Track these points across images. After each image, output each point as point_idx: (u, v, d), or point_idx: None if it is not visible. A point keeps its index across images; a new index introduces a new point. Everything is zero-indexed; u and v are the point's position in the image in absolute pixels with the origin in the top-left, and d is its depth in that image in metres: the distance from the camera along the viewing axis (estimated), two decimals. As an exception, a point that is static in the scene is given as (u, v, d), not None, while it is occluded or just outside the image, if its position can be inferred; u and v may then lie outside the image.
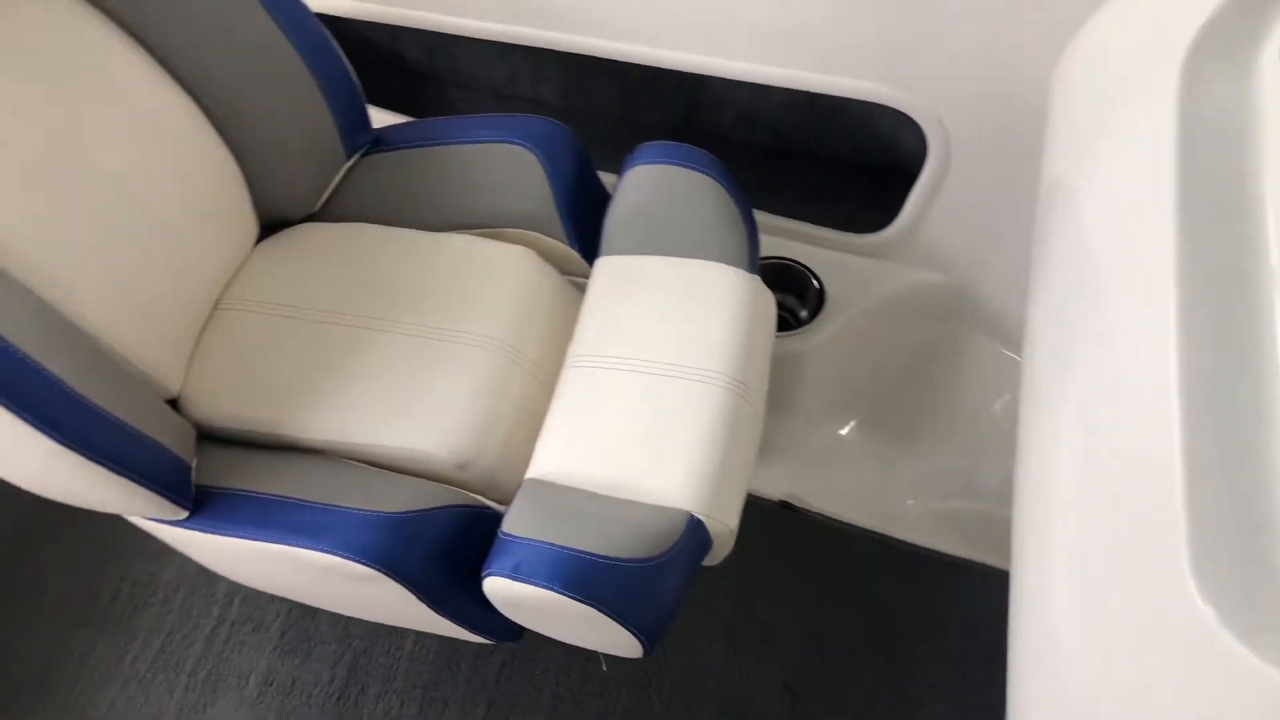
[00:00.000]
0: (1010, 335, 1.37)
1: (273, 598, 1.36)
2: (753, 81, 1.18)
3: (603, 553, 0.82)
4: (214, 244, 1.04)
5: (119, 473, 0.79)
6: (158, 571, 1.40)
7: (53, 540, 1.43)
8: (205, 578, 1.39)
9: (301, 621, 1.34)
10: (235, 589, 1.37)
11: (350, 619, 1.33)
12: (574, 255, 1.10)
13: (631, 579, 0.82)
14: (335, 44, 1.05)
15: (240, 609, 1.36)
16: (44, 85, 0.87)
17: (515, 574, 0.81)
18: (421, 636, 1.33)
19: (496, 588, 0.83)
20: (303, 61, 1.02)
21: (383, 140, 1.13)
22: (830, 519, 1.36)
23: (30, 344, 0.74)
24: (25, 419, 0.72)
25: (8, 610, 1.38)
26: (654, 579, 0.83)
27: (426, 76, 1.54)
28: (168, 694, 1.30)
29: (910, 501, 1.41)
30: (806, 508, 1.36)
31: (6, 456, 0.75)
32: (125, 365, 0.91)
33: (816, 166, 1.43)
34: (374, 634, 1.33)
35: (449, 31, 1.25)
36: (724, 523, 0.89)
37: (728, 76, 1.18)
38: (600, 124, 1.50)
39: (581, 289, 1.12)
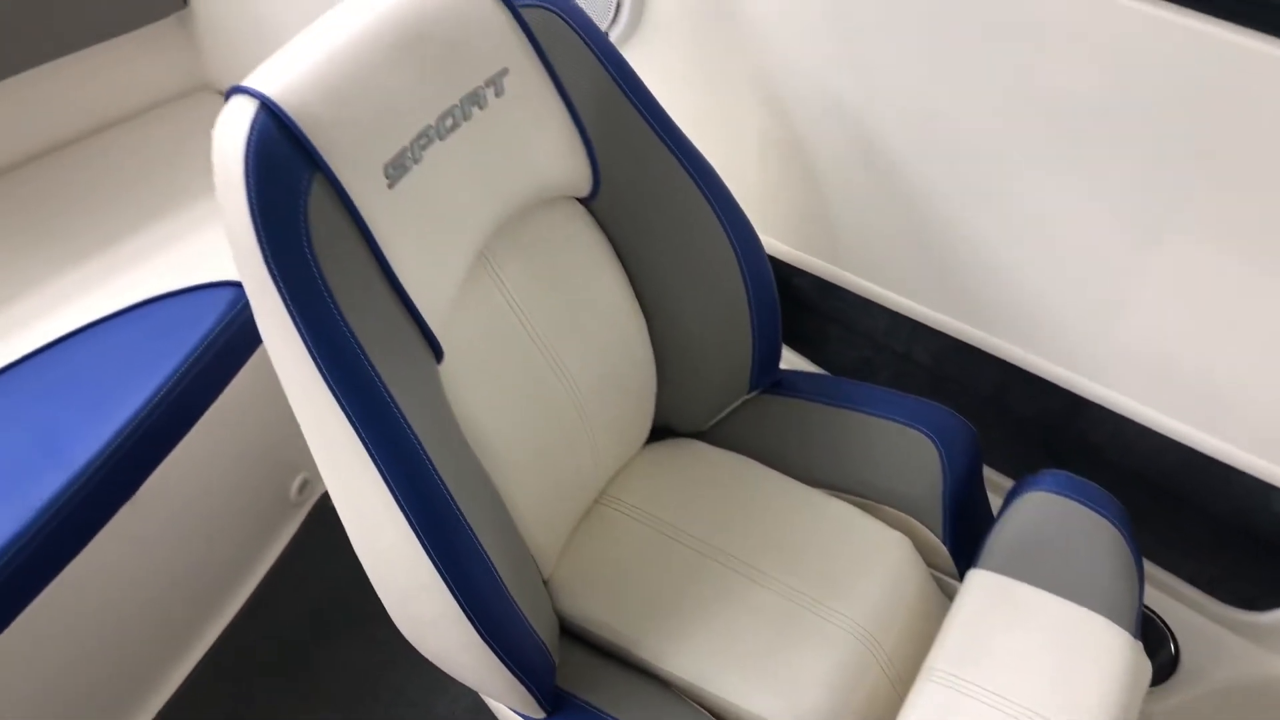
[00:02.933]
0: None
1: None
2: (1163, 435, 1.14)
3: None
4: (616, 437, 1.09)
5: (509, 666, 0.83)
6: (432, 702, 1.44)
7: (343, 635, 1.51)
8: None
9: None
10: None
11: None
12: (944, 552, 1.08)
13: None
14: (773, 279, 1.11)
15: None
16: (549, 279, 0.97)
17: None
18: None
19: None
20: (745, 288, 1.08)
21: (785, 383, 1.17)
22: None
23: (489, 539, 0.79)
24: (463, 608, 0.77)
25: (292, 692, 1.46)
26: None
27: (811, 309, 1.59)
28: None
29: None
30: None
31: (427, 630, 0.80)
32: (523, 546, 0.96)
33: (1188, 511, 1.35)
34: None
35: (875, 300, 1.29)
36: None
37: (1140, 423, 1.15)
38: (966, 397, 1.50)
39: (942, 587, 1.10)
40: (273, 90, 0.75)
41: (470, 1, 0.85)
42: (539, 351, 0.98)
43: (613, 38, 1.15)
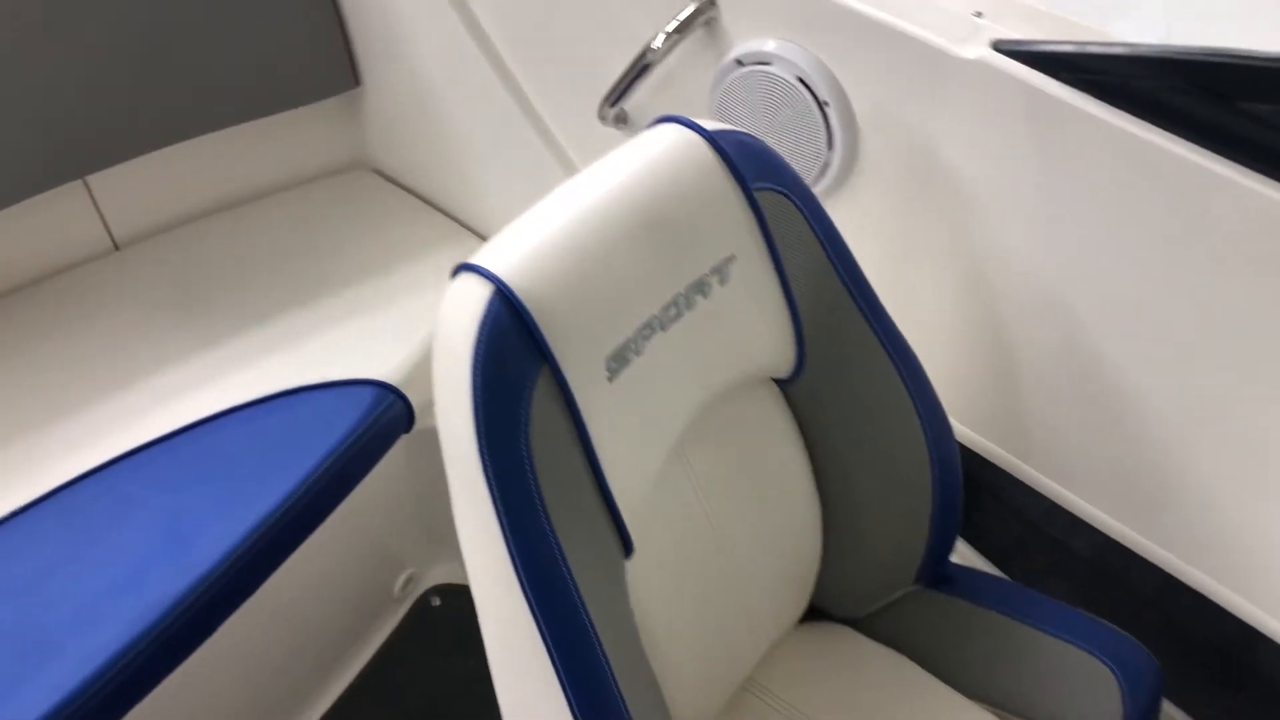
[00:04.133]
0: None
1: None
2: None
3: None
4: (773, 617, 1.03)
5: None
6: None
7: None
8: None
9: None
10: None
11: None
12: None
13: None
14: (960, 468, 1.04)
15: None
16: (735, 463, 0.91)
17: None
18: None
19: None
20: (930, 475, 1.01)
21: (953, 580, 1.10)
22: None
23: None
24: None
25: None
26: None
27: (980, 488, 1.52)
28: None
29: None
30: None
31: None
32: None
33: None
34: None
35: (1060, 501, 1.21)
36: None
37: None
38: (1126, 597, 1.41)
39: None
40: (508, 274, 0.71)
41: (706, 183, 0.81)
42: (712, 531, 0.92)
43: (817, 190, 1.10)
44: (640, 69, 1.14)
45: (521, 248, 0.73)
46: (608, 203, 0.77)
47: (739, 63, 1.08)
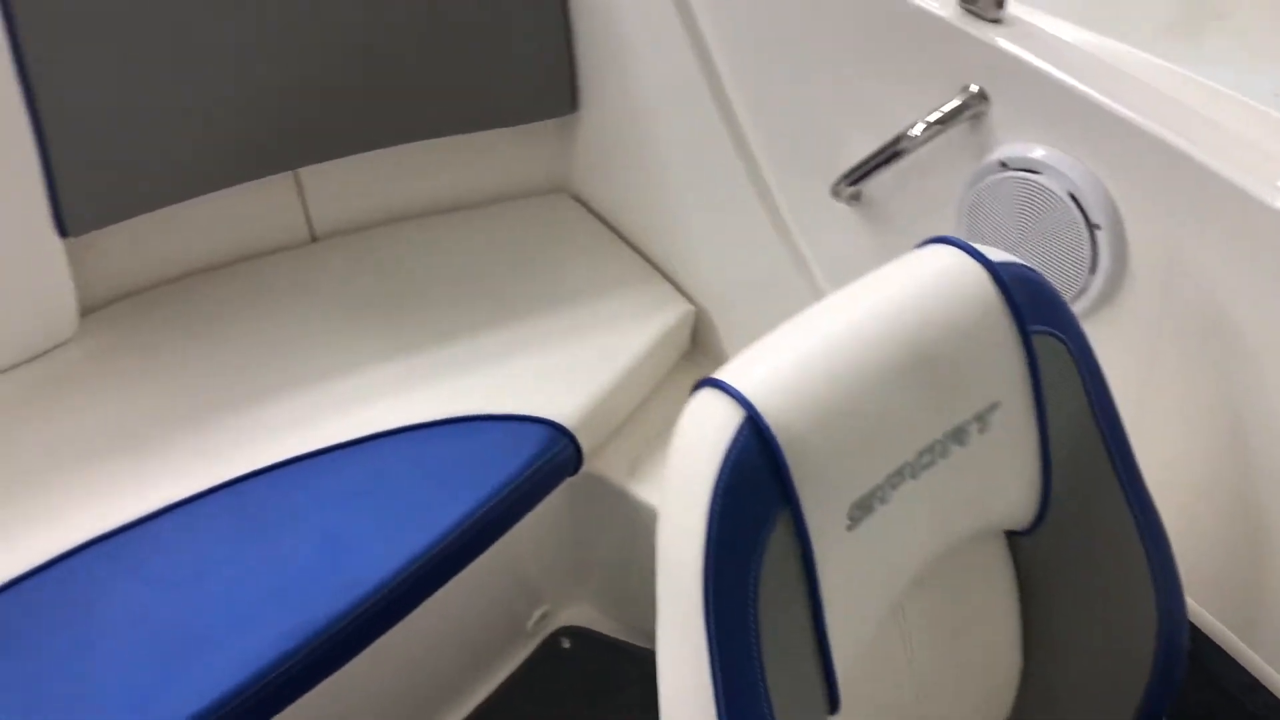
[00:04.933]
0: None
1: None
2: None
3: None
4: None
5: None
6: None
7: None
8: None
9: None
10: None
11: None
12: None
13: None
14: (1186, 650, 0.94)
15: None
16: (948, 617, 0.84)
17: None
18: None
19: None
20: (1154, 649, 0.91)
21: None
22: None
23: None
24: None
25: None
26: None
27: (1193, 664, 1.40)
28: None
29: None
30: None
31: None
32: None
33: None
34: None
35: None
36: None
37: None
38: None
39: None
40: (761, 400, 0.65)
41: (983, 319, 0.74)
42: (913, 688, 0.85)
43: (1076, 309, 1.01)
44: (891, 155, 1.07)
45: (776, 372, 0.67)
46: (873, 329, 0.70)
47: (1003, 165, 1.00)
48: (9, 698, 1.04)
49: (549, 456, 1.28)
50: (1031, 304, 0.76)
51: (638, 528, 1.41)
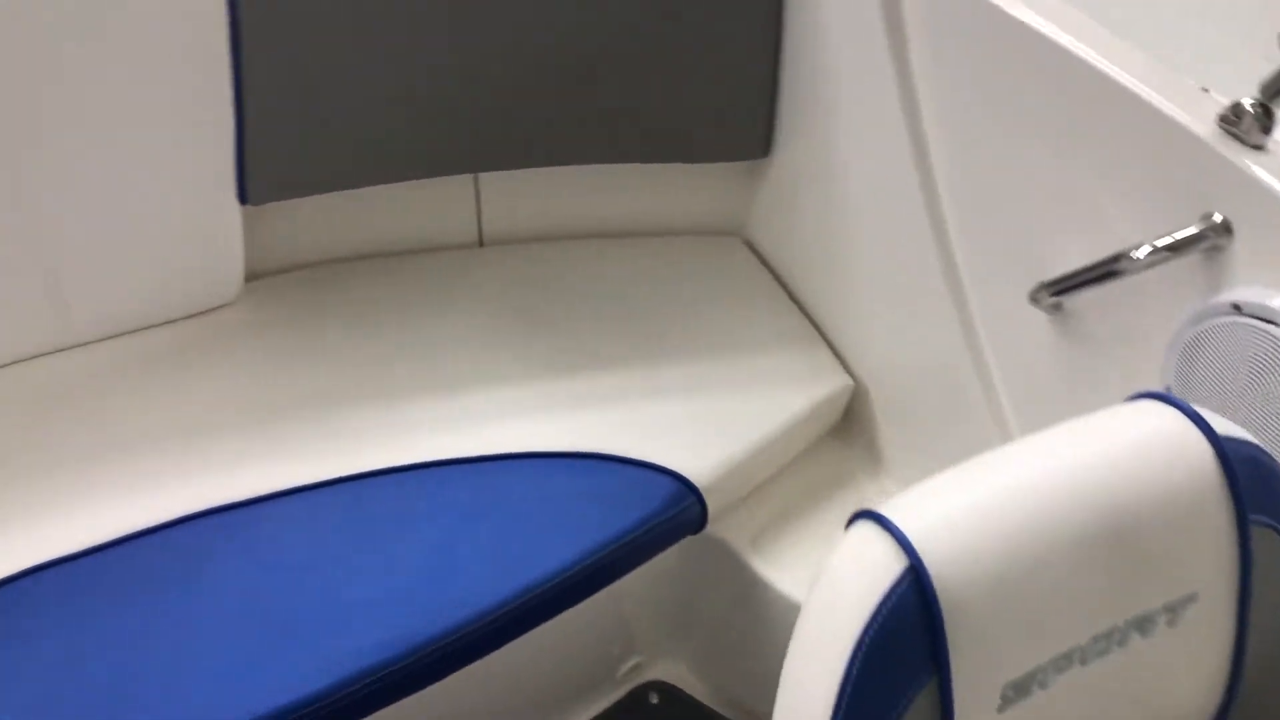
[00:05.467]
0: None
1: None
2: None
3: None
4: None
5: None
6: None
7: None
8: None
9: None
10: None
11: None
12: None
13: None
14: None
15: None
16: None
17: None
18: None
19: None
20: None
21: None
22: None
23: None
24: None
25: None
26: None
27: None
28: None
29: None
30: None
31: None
32: None
33: None
34: None
35: None
36: None
37: None
38: None
39: None
40: (927, 548, 0.57)
41: (1196, 500, 0.64)
42: None
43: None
44: (1106, 273, 0.97)
45: (947, 519, 0.59)
46: (1066, 488, 0.61)
47: (1235, 308, 0.89)
48: (109, 650, 1.05)
49: (674, 513, 1.22)
50: (1256, 490, 0.66)
51: (750, 599, 1.34)
